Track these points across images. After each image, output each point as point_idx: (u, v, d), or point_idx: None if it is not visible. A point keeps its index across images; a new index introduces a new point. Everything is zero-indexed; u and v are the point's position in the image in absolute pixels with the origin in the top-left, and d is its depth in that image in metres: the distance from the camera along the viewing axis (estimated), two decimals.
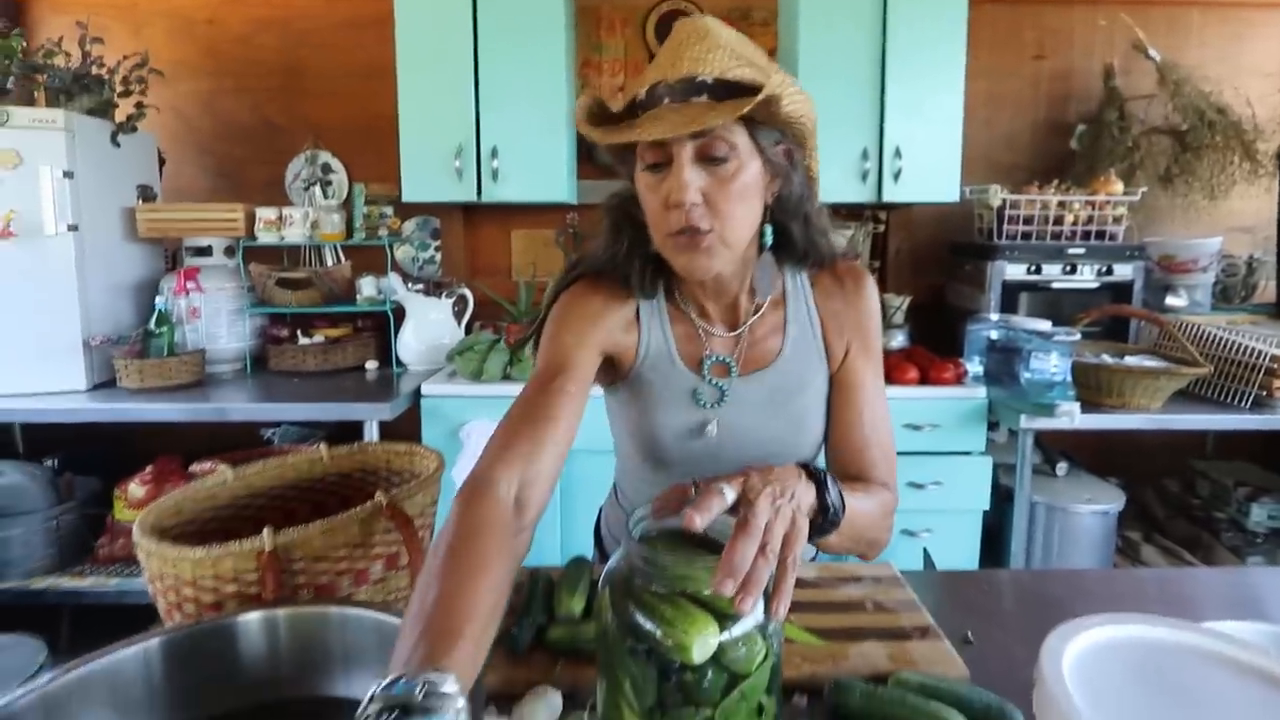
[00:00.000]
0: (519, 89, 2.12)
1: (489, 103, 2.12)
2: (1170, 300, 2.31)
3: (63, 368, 2.01)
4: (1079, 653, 0.49)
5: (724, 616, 0.49)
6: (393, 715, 0.37)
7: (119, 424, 1.97)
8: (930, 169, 2.14)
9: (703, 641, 0.47)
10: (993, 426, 2.24)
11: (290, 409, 1.94)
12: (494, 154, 2.11)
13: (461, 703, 0.40)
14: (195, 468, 0.82)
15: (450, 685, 0.40)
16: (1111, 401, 1.88)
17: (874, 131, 2.12)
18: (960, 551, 2.04)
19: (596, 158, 2.28)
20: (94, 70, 2.09)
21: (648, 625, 0.49)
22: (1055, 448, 2.31)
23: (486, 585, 0.52)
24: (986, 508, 2.01)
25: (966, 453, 2.01)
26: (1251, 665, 0.46)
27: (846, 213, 2.50)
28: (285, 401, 1.95)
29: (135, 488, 2.00)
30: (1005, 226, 2.21)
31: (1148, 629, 0.52)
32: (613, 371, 0.87)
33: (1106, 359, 1.95)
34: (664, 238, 0.74)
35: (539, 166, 2.16)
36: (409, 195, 2.16)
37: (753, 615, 0.50)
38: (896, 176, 2.12)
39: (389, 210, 2.32)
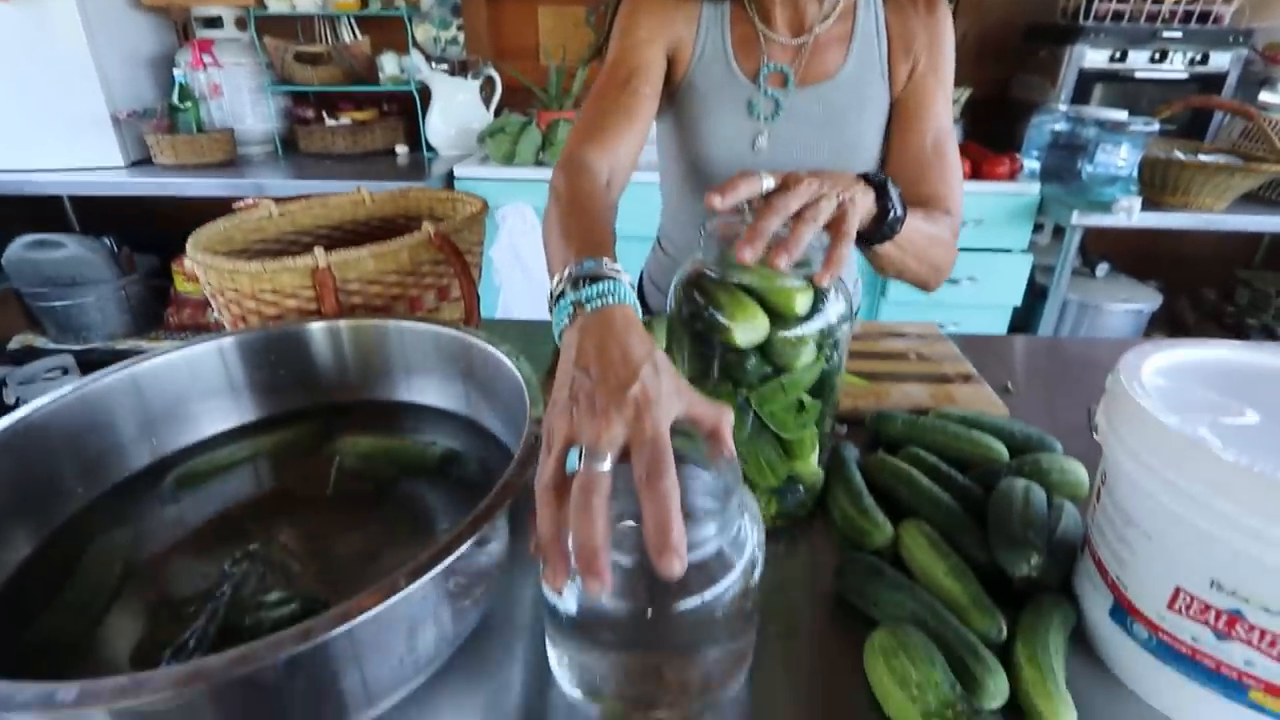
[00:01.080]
0: None
1: None
2: (1265, 96, 2.04)
3: (97, 143, 1.94)
4: (1156, 368, 0.46)
5: (778, 315, 0.48)
6: (584, 281, 0.41)
7: (164, 200, 1.94)
8: None
9: (747, 327, 0.47)
10: (1038, 228, 2.11)
11: (327, 185, 1.88)
12: None
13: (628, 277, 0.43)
14: (238, 204, 0.78)
15: (618, 265, 0.43)
16: (1174, 200, 1.74)
17: None
18: None
19: None
20: None
21: (704, 306, 0.49)
22: (1099, 251, 2.20)
23: (606, 230, 0.53)
24: (1018, 304, 1.96)
25: (1007, 250, 1.92)
26: None
27: None
28: (321, 178, 1.89)
29: (190, 245, 2.02)
30: (1095, 4, 1.89)
31: (1225, 350, 0.49)
32: (667, 79, 0.81)
33: (1179, 154, 1.77)
34: None
35: None
36: None
37: (806, 322, 0.48)
38: None
39: None
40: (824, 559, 0.54)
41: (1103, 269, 2.09)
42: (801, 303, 0.48)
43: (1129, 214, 1.62)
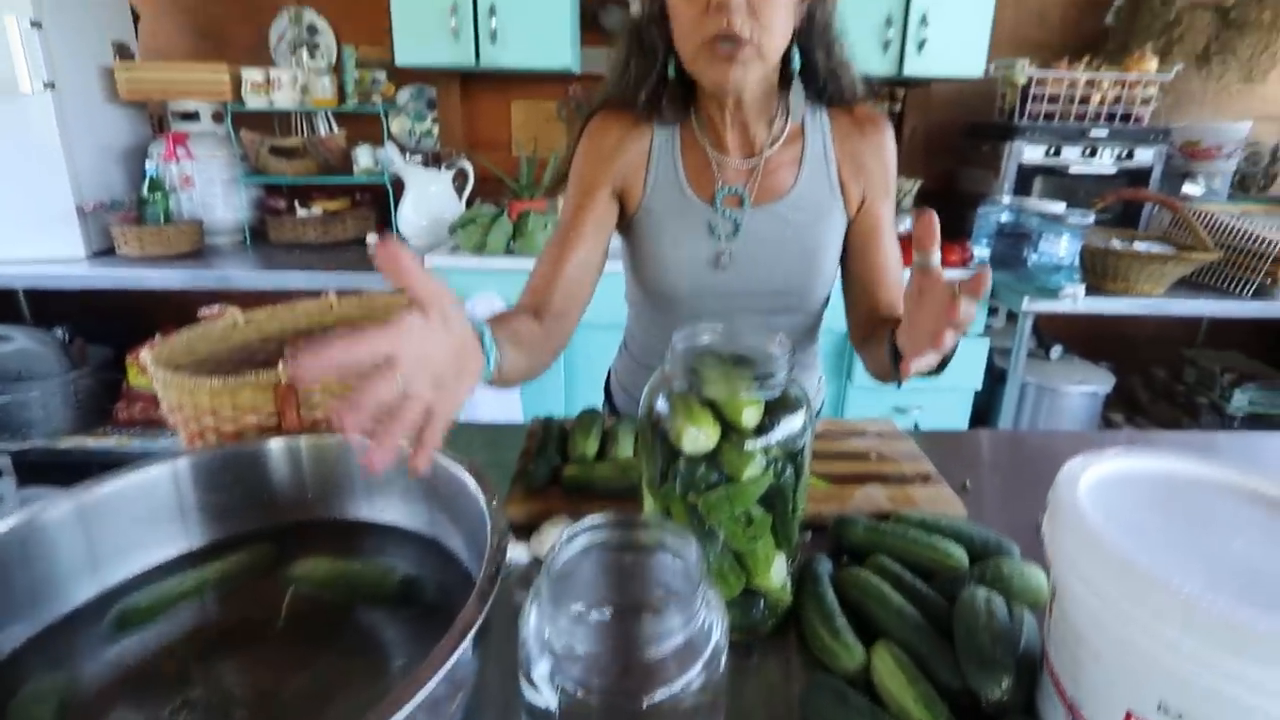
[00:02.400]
0: None
1: None
2: (1187, 188, 2.23)
3: (59, 234, 1.95)
4: (1095, 479, 0.49)
5: (730, 426, 0.51)
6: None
7: (124, 292, 1.93)
8: (957, 40, 1.98)
9: (694, 434, 0.50)
10: (993, 312, 2.23)
11: (295, 277, 1.91)
12: (492, 12, 1.94)
13: (486, 326, 0.59)
14: (204, 312, 0.79)
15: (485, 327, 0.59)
16: (1115, 286, 1.86)
17: None
18: (948, 427, 2.09)
19: (602, 22, 2.10)
20: None
21: (662, 411, 0.52)
22: (1051, 334, 2.32)
23: (516, 321, 0.69)
24: (979, 387, 2.03)
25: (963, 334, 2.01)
26: (1270, 495, 0.46)
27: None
28: (290, 269, 1.91)
29: (147, 354, 2.00)
30: (1029, 106, 2.08)
31: (1165, 461, 0.52)
32: (623, 209, 0.87)
33: (1115, 244, 1.90)
34: (698, 48, 0.72)
35: (540, 29, 1.99)
36: (402, 58, 2.00)
37: (756, 436, 0.51)
38: (920, 47, 1.97)
39: (382, 75, 2.16)
40: (786, 677, 0.54)
41: (1056, 351, 2.19)
42: (750, 416, 0.50)
43: (1074, 300, 1.72)
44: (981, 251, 2.06)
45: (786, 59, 0.78)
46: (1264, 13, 2.15)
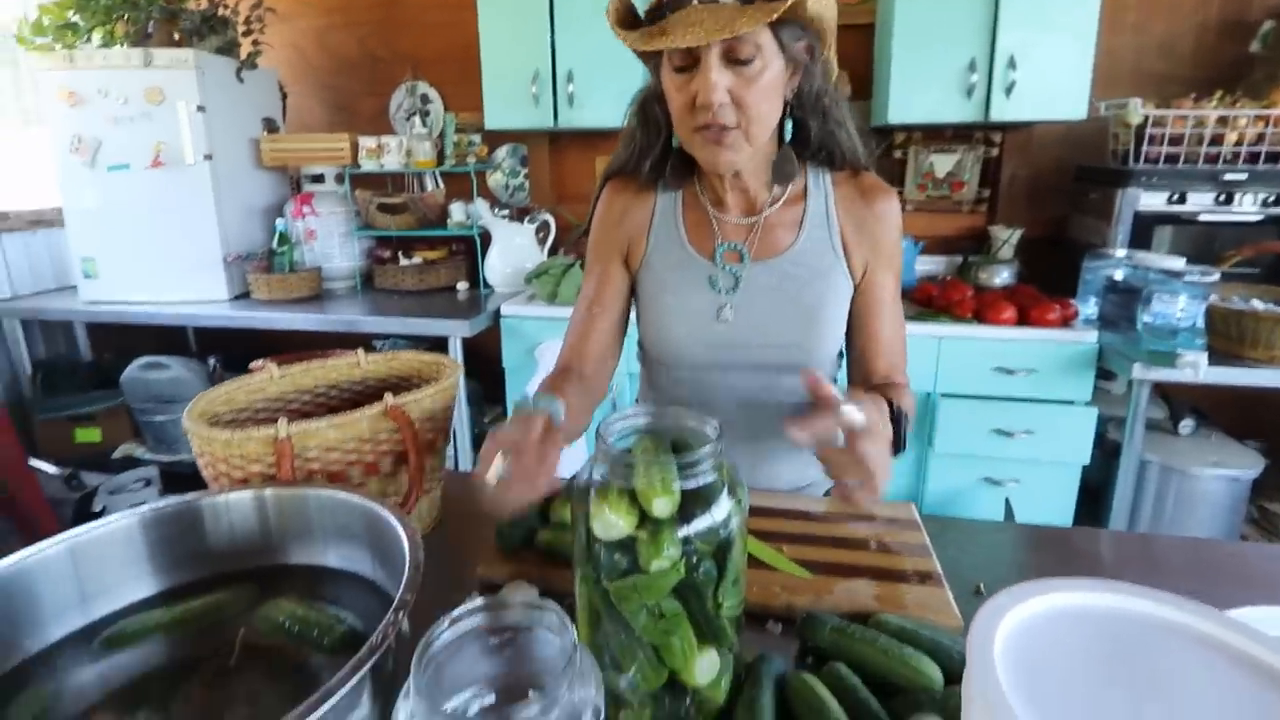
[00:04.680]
0: (593, 9, 2.04)
1: (564, 25, 2.06)
2: None
3: (208, 280, 2.28)
4: (1019, 625, 0.41)
5: (644, 516, 0.50)
6: (523, 402, 0.66)
7: (257, 330, 2.21)
8: (1052, 82, 1.84)
9: (603, 521, 0.49)
10: (1109, 376, 1.99)
11: (387, 322, 2.09)
12: (570, 78, 2.07)
13: (562, 410, 0.66)
14: (253, 365, 0.90)
15: (559, 399, 0.67)
16: (1256, 355, 1.60)
17: (984, 39, 1.84)
18: (1052, 507, 1.87)
19: None
20: (220, 12, 2.24)
21: (584, 496, 0.52)
22: (1185, 403, 2.02)
23: (569, 391, 0.76)
24: (1086, 462, 1.81)
25: (1068, 401, 1.81)
26: (1242, 652, 0.38)
27: (952, 134, 2.23)
28: (385, 315, 2.10)
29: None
30: (1146, 148, 1.88)
31: (1109, 597, 0.43)
32: (628, 268, 0.91)
33: (1257, 304, 1.64)
34: (689, 133, 0.76)
35: (616, 90, 2.08)
36: (491, 122, 2.18)
37: (667, 527, 0.49)
38: (1009, 91, 1.84)
39: (477, 138, 2.36)
40: None
41: (1187, 426, 1.91)
42: (660, 507, 0.49)
43: (1195, 370, 1.50)
44: (1088, 310, 1.86)
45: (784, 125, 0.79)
46: None
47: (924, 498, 1.93)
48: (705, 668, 0.53)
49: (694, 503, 0.50)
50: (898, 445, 0.69)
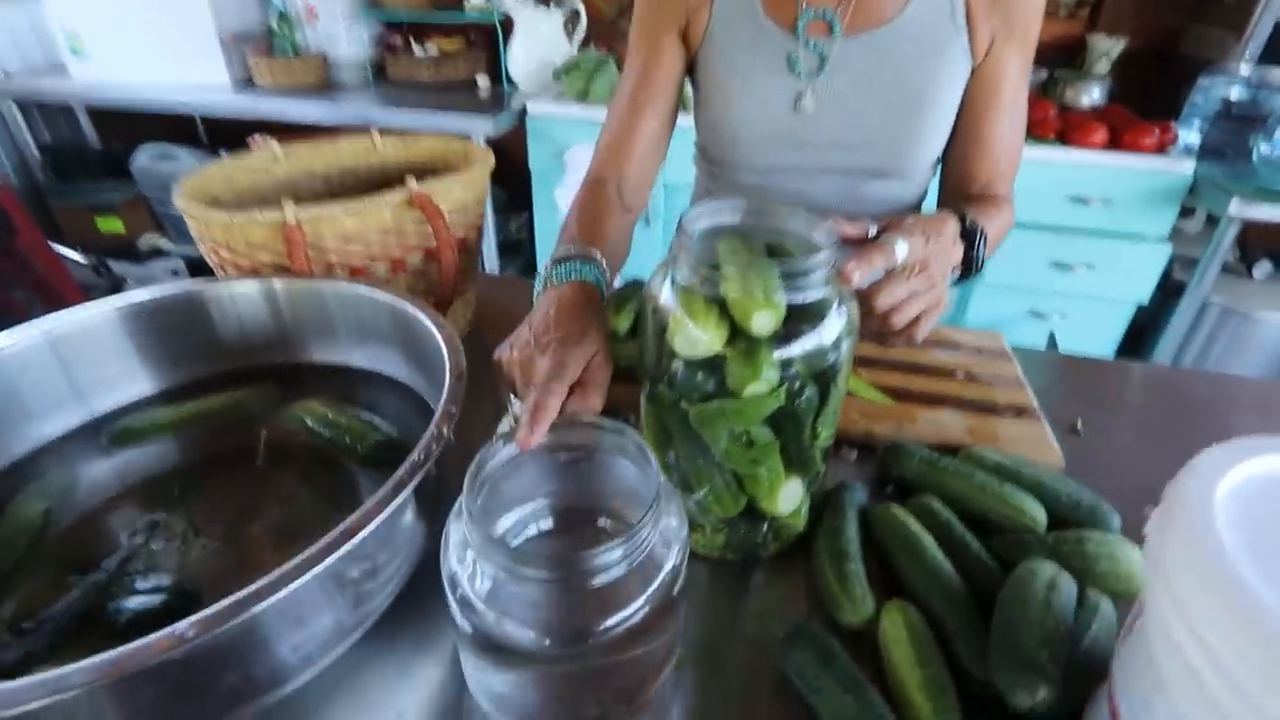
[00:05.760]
0: None
1: None
2: None
3: (207, 63, 2.02)
4: (1244, 483, 0.32)
5: (738, 331, 0.39)
6: (559, 262, 0.51)
7: (266, 121, 2.00)
8: None
9: (688, 336, 0.39)
10: (1186, 213, 1.78)
11: (403, 116, 1.87)
12: None
13: (605, 274, 0.53)
14: (251, 139, 0.75)
15: (600, 256, 0.53)
16: None
17: None
18: (1093, 343, 1.76)
19: None
20: None
21: (665, 304, 0.42)
22: (1262, 248, 1.83)
23: (609, 233, 0.62)
24: (1144, 301, 1.67)
25: (1139, 237, 1.62)
26: None
27: None
28: (402, 108, 1.87)
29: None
30: None
31: None
32: (686, 45, 0.72)
33: None
34: None
35: None
36: None
37: (767, 347, 0.39)
38: None
39: None
40: (784, 612, 0.45)
41: (1263, 269, 1.73)
42: (761, 322, 0.38)
43: None
44: (1189, 136, 1.60)
45: None
46: None
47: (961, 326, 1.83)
48: (789, 497, 0.46)
49: (799, 319, 0.39)
50: (968, 269, 0.56)
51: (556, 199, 1.72)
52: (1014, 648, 0.38)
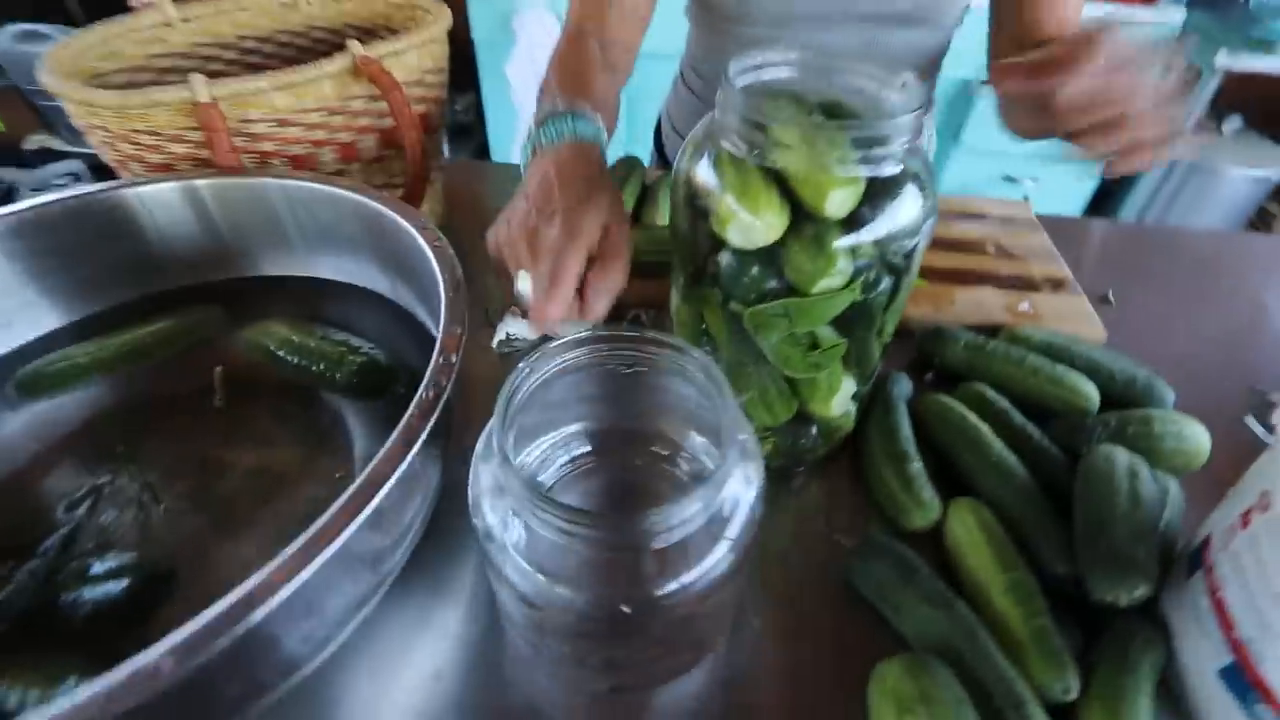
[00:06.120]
0: None
1: None
2: None
3: None
4: None
5: (804, 213, 0.32)
6: (548, 120, 0.42)
7: None
8: None
9: (744, 220, 0.32)
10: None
11: None
12: None
13: (601, 122, 0.43)
14: (134, 2, 0.58)
15: (592, 110, 0.43)
16: None
17: None
18: (1063, 205, 1.74)
19: None
20: None
21: (706, 183, 0.33)
22: (1232, 102, 1.78)
23: (597, 90, 0.50)
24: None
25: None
26: None
27: None
28: None
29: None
30: None
31: None
32: None
33: None
34: None
35: None
36: None
37: (843, 231, 0.31)
38: None
39: None
40: (838, 520, 0.42)
41: (1233, 124, 1.69)
42: (838, 201, 0.30)
43: None
44: None
45: None
46: None
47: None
48: (844, 399, 0.41)
49: (876, 197, 0.32)
50: None
51: (508, 75, 1.52)
52: (1107, 545, 0.35)
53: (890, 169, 0.31)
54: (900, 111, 0.31)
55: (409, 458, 0.26)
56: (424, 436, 0.27)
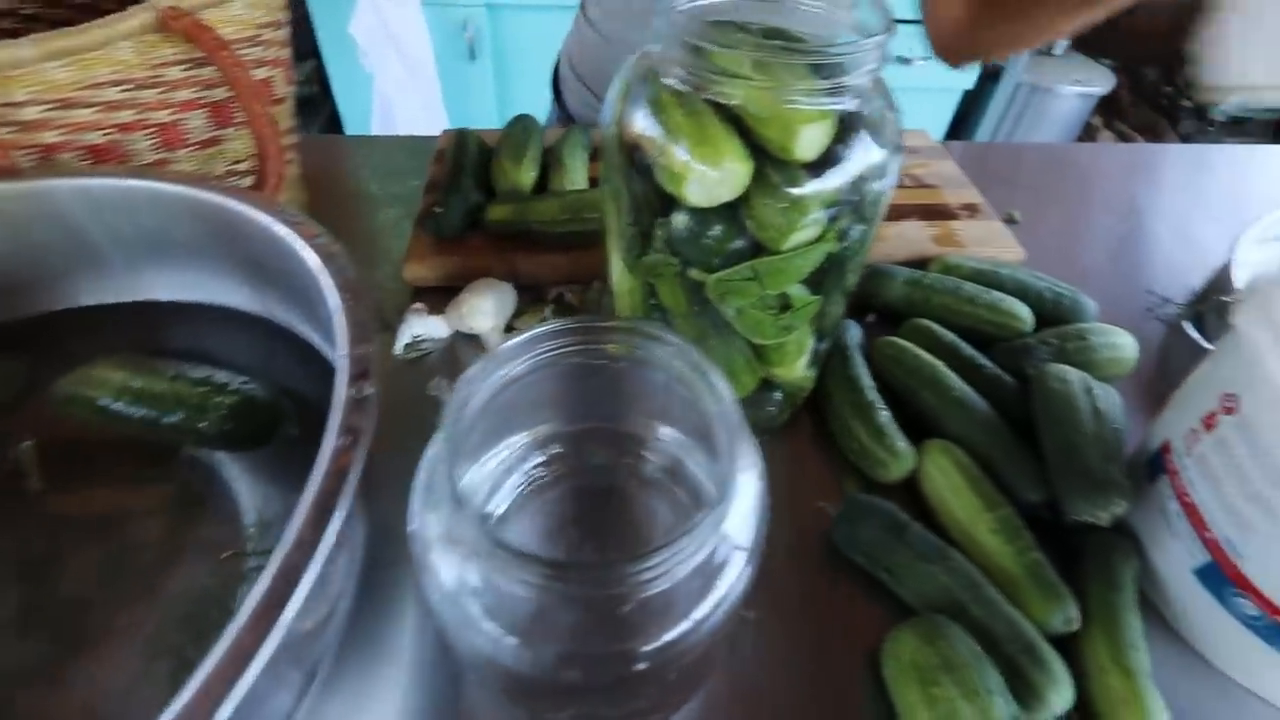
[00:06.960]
0: None
1: None
2: None
3: None
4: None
5: (770, 158, 0.27)
6: None
7: None
8: None
9: (702, 174, 0.26)
10: None
11: None
12: None
13: None
14: None
15: None
16: None
17: None
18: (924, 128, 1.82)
19: None
20: None
21: (646, 132, 0.27)
22: None
23: None
24: (970, 86, 1.72)
25: None
26: None
27: None
28: None
29: None
30: None
31: None
32: None
33: None
34: None
35: None
36: None
37: (815, 174, 0.27)
38: None
39: None
40: (809, 485, 0.39)
41: (1061, 45, 1.83)
42: (809, 139, 0.26)
43: None
44: None
45: None
46: None
47: None
48: (807, 359, 0.37)
49: (845, 132, 0.27)
50: None
51: (353, 35, 1.33)
52: (1081, 465, 0.34)
53: (854, 101, 0.27)
54: (865, 34, 0.27)
55: (331, 532, 0.19)
56: (347, 505, 0.20)
